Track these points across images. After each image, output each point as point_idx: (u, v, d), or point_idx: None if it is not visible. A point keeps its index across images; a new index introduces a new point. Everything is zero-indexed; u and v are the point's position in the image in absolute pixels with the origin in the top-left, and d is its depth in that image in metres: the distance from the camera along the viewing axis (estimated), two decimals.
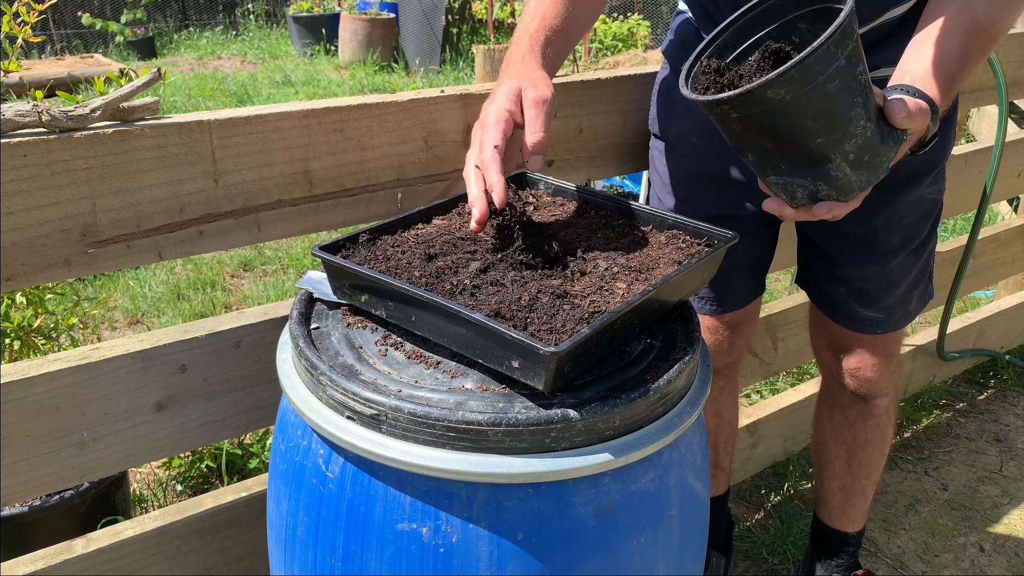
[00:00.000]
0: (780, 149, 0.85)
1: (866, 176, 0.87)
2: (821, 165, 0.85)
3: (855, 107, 0.82)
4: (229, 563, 1.25)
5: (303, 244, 3.56)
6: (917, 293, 1.35)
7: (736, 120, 0.82)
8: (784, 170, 0.87)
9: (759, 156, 0.88)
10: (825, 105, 0.79)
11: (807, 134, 0.81)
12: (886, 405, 1.46)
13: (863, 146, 0.84)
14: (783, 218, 0.96)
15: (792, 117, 0.79)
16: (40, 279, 0.99)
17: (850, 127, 0.82)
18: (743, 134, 0.85)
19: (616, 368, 0.86)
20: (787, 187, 0.89)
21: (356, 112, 1.12)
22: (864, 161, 0.86)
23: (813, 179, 0.87)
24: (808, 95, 0.77)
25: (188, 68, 7.55)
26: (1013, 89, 1.90)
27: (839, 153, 0.83)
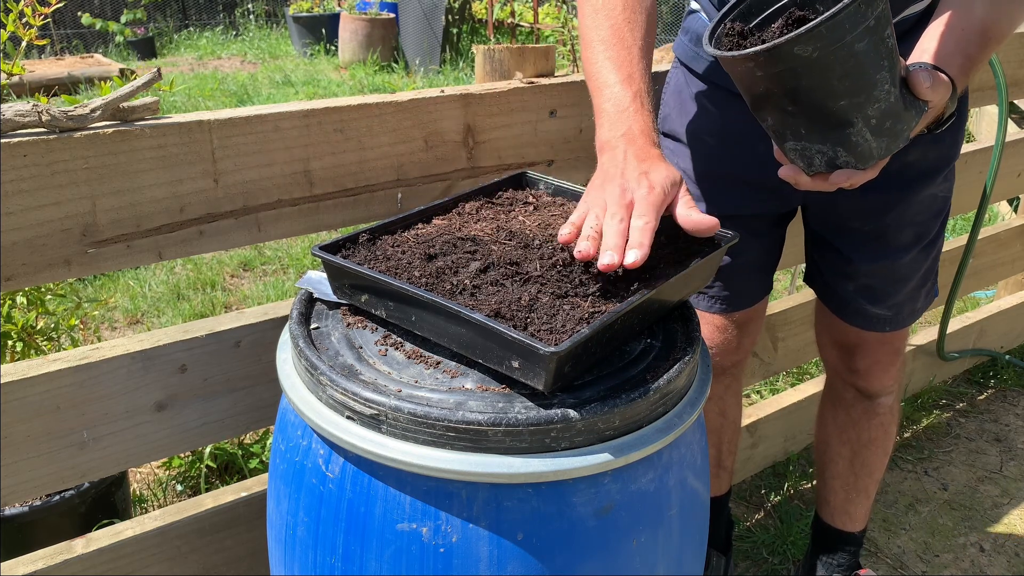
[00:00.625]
0: (802, 112, 0.83)
1: (886, 143, 0.86)
2: (843, 129, 0.83)
3: (881, 70, 0.80)
4: (229, 563, 1.25)
5: (303, 244, 3.56)
6: (925, 291, 1.35)
7: (761, 79, 0.81)
8: (804, 135, 0.86)
9: (779, 119, 0.86)
10: (852, 65, 0.78)
11: (831, 95, 0.80)
12: (890, 404, 1.46)
13: (886, 111, 0.83)
14: (798, 187, 0.94)
15: (818, 76, 0.78)
16: (40, 279, 0.99)
17: (875, 90, 0.81)
18: (766, 95, 0.83)
19: (616, 368, 0.86)
20: (805, 152, 0.88)
21: (356, 112, 1.12)
22: (886, 128, 0.84)
23: (833, 144, 0.85)
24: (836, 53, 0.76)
25: (188, 68, 7.55)
26: (1013, 89, 1.90)
27: (861, 117, 0.82)
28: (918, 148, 1.19)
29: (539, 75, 1.32)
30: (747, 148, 1.24)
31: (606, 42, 1.00)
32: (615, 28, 1.00)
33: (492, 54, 1.32)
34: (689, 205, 0.90)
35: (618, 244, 0.83)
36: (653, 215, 0.85)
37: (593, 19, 1.02)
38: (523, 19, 7.87)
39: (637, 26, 1.01)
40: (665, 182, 0.88)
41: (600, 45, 1.00)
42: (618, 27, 1.00)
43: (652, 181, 0.87)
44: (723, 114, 1.24)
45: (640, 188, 0.87)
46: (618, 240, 0.83)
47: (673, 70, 1.34)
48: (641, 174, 0.88)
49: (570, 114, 1.32)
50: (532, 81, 1.28)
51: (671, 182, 0.89)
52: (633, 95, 0.96)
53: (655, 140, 0.94)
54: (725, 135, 1.25)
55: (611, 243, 0.83)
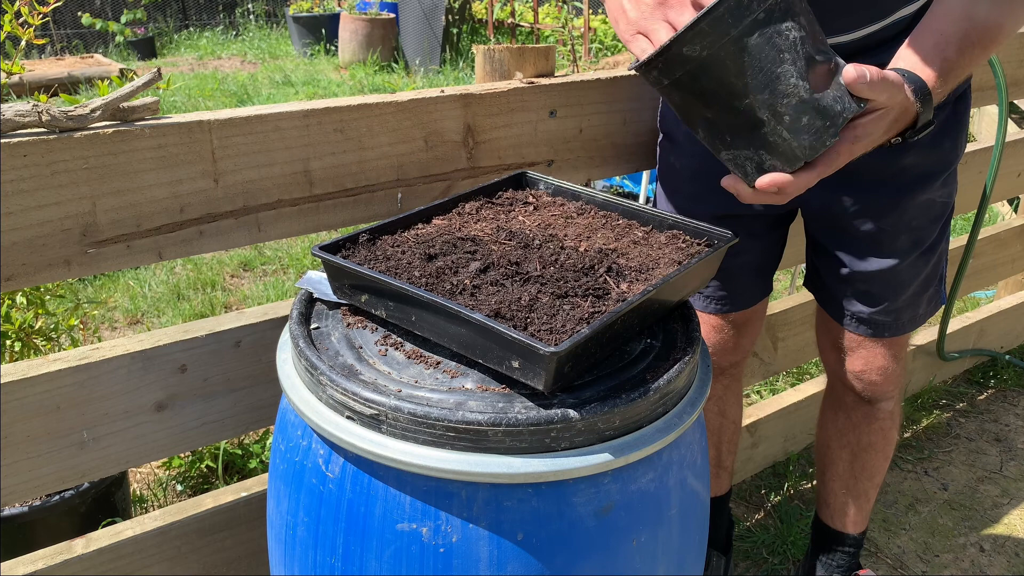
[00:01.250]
0: (718, 117, 0.83)
1: (809, 141, 0.83)
2: (757, 129, 0.82)
3: (781, 63, 0.78)
4: (229, 563, 1.25)
5: (303, 244, 3.56)
6: (927, 297, 1.34)
7: (669, 88, 0.81)
8: (730, 142, 0.85)
9: (706, 130, 0.86)
10: (745, 61, 0.77)
11: (734, 94, 0.79)
12: (891, 408, 1.46)
13: (798, 107, 0.81)
14: (740, 198, 0.93)
15: (715, 76, 0.78)
16: (40, 279, 0.99)
17: (779, 85, 0.79)
18: (684, 105, 0.83)
19: (616, 368, 0.86)
20: (737, 161, 0.87)
21: (356, 112, 1.12)
22: (803, 124, 0.82)
23: (756, 148, 0.84)
24: (725, 49, 0.75)
25: (188, 68, 7.55)
26: (1013, 89, 1.90)
27: (772, 115, 0.81)
28: (915, 152, 1.18)
29: (539, 75, 1.32)
30: None
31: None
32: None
33: (492, 54, 1.32)
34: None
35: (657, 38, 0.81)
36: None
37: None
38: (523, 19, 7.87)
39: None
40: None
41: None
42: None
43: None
44: None
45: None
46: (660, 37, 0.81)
47: None
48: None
49: (570, 114, 1.32)
50: (532, 81, 1.28)
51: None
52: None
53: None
54: None
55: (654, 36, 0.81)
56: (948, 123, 1.20)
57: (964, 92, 1.22)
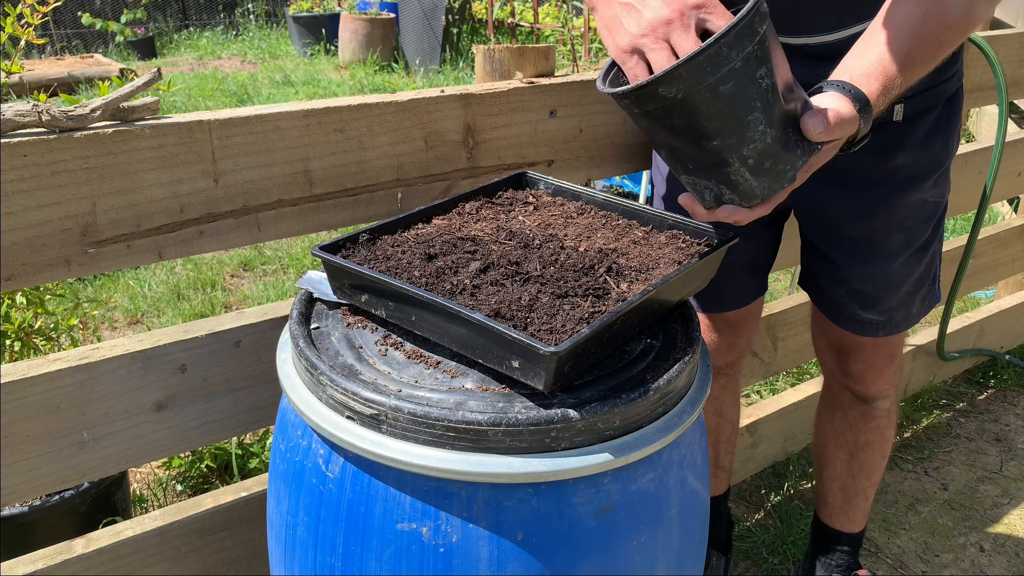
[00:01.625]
0: (684, 149, 0.83)
1: (769, 183, 0.85)
2: (720, 168, 0.83)
3: (752, 111, 0.79)
4: (229, 563, 1.25)
5: (303, 244, 3.56)
6: (920, 296, 1.34)
7: (640, 116, 0.81)
8: (691, 169, 0.86)
9: (668, 153, 0.86)
10: (718, 108, 0.77)
11: (703, 136, 0.79)
12: (887, 407, 1.46)
13: (763, 152, 0.82)
14: (695, 217, 0.94)
15: (686, 117, 0.78)
16: (40, 279, 0.99)
17: (748, 131, 0.80)
18: (649, 130, 0.83)
19: (616, 368, 0.86)
20: (696, 187, 0.88)
21: (356, 112, 1.12)
22: (766, 168, 0.83)
23: (716, 182, 0.85)
24: (700, 95, 0.75)
25: (188, 68, 7.55)
26: (1013, 89, 1.90)
27: (737, 158, 0.81)
28: (906, 153, 1.18)
29: (539, 75, 1.32)
30: None
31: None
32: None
33: (492, 54, 1.32)
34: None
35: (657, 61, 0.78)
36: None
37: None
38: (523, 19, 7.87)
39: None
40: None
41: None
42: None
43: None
44: None
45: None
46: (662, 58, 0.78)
47: None
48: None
49: (570, 114, 1.32)
50: (532, 81, 1.28)
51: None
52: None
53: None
54: None
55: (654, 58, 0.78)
56: (939, 124, 1.20)
57: (956, 92, 1.22)
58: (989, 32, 1.85)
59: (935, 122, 1.19)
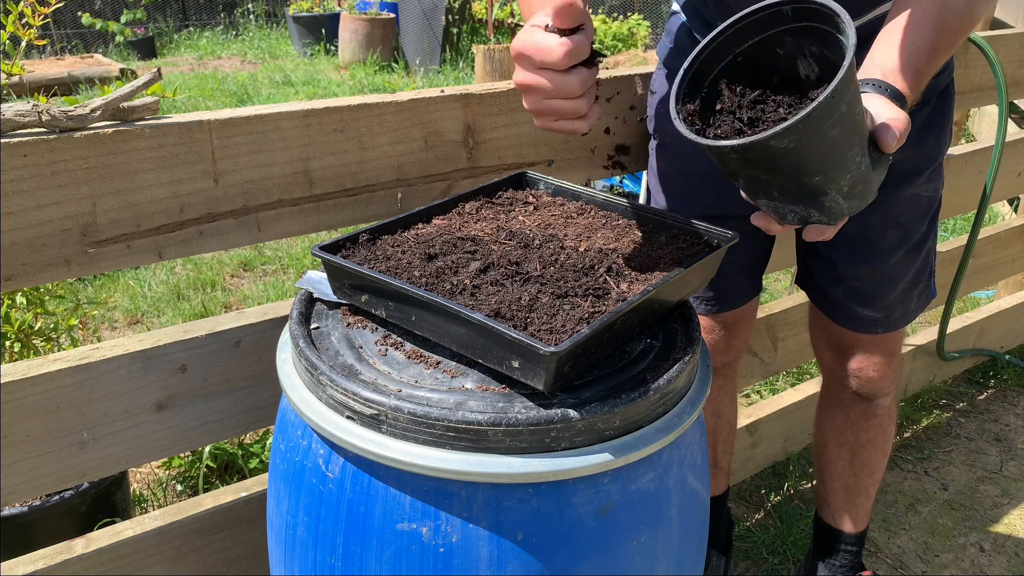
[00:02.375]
0: (777, 183, 0.85)
1: (857, 203, 0.89)
2: (816, 198, 0.85)
3: (853, 147, 0.82)
4: (229, 563, 1.25)
5: (303, 244, 3.56)
6: (917, 292, 1.35)
7: (735, 159, 0.82)
8: (777, 197, 0.87)
9: (752, 184, 0.87)
10: (826, 149, 0.80)
11: (805, 173, 0.82)
12: (888, 404, 1.46)
13: (857, 179, 0.85)
14: (770, 233, 0.95)
15: (793, 161, 0.80)
16: (40, 279, 0.99)
17: (848, 164, 0.83)
18: (739, 169, 0.85)
19: (616, 368, 0.86)
20: (777, 210, 0.90)
21: (356, 112, 1.12)
22: (857, 191, 0.87)
23: (806, 207, 0.87)
24: (811, 142, 0.78)
25: (188, 68, 7.55)
26: (1013, 89, 1.90)
27: (835, 188, 0.84)
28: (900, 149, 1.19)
29: None
30: None
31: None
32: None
33: (492, 54, 1.32)
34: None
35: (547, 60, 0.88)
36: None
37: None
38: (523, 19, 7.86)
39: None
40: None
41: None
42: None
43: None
44: None
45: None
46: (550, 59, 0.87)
47: (657, 72, 1.35)
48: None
49: None
50: None
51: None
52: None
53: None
54: None
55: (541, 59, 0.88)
56: (932, 119, 1.21)
57: (947, 87, 1.23)
58: (989, 32, 1.85)
59: (928, 117, 1.20)
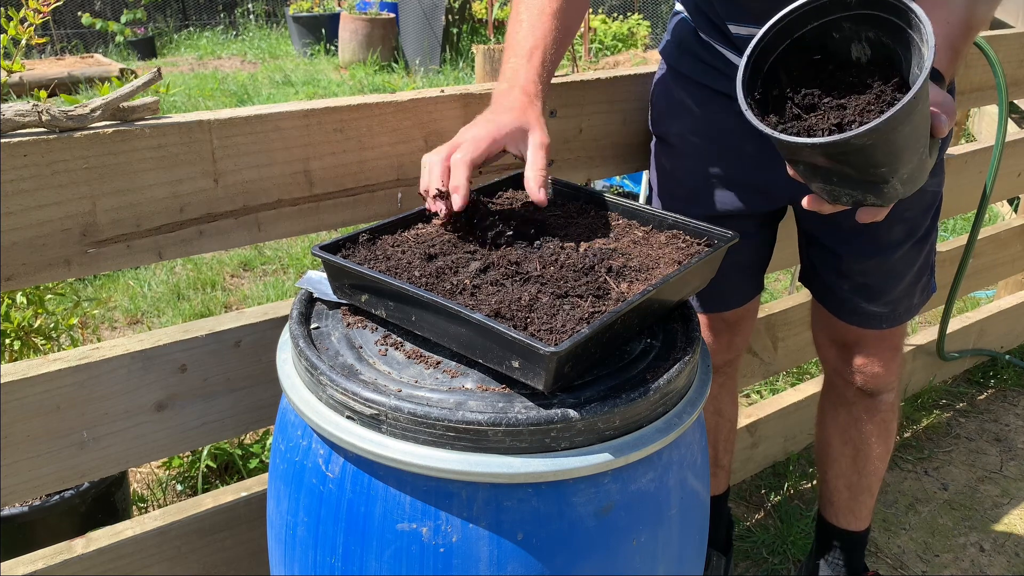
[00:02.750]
0: (838, 170, 0.86)
1: (911, 187, 0.90)
2: (876, 185, 0.87)
3: (919, 139, 0.84)
4: (229, 563, 1.25)
5: (303, 244, 3.56)
6: (920, 286, 1.35)
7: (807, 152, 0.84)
8: (836, 182, 0.88)
9: (811, 169, 0.88)
10: (898, 145, 0.81)
11: (873, 165, 0.83)
12: (891, 400, 1.46)
13: (917, 167, 0.87)
14: (822, 213, 0.97)
15: (866, 155, 0.82)
16: (40, 279, 0.99)
17: (913, 156, 0.85)
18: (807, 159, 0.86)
19: (616, 368, 0.86)
20: (832, 192, 0.91)
21: (356, 112, 1.12)
22: (914, 177, 0.89)
23: (864, 192, 0.88)
24: (889, 139, 0.80)
25: (188, 68, 7.55)
26: (1013, 89, 1.90)
27: (896, 177, 0.86)
28: None
29: None
30: (734, 148, 1.24)
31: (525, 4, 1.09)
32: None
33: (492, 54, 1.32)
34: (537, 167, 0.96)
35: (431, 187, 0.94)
36: (471, 149, 0.93)
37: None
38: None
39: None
40: (505, 124, 0.96)
41: (521, 7, 1.09)
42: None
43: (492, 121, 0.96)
44: (709, 114, 1.25)
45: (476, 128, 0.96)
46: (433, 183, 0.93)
47: (660, 71, 1.35)
48: (490, 118, 0.97)
49: (570, 114, 1.32)
50: None
51: (511, 127, 0.96)
52: (527, 51, 1.04)
53: (532, 91, 1.02)
54: (712, 135, 1.25)
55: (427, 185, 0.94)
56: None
57: (951, 82, 1.23)
58: (989, 32, 1.85)
59: None
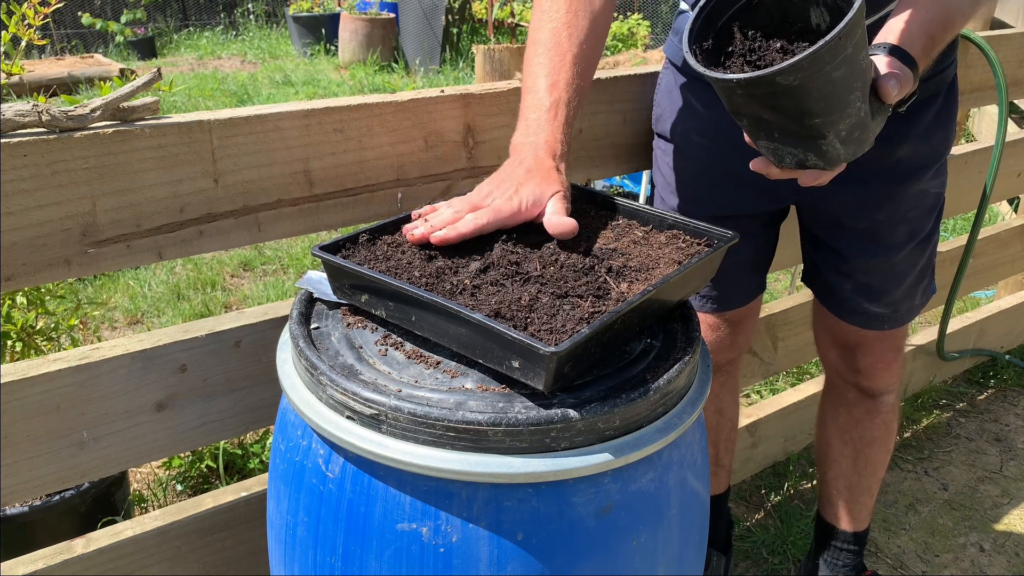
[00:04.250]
0: (776, 122, 0.87)
1: (853, 149, 0.91)
2: (814, 140, 0.87)
3: (854, 91, 0.84)
4: (229, 563, 1.25)
5: (303, 244, 3.56)
6: (922, 287, 1.35)
7: (740, 95, 0.84)
8: (777, 138, 0.90)
9: (754, 123, 0.90)
10: (829, 90, 0.81)
11: (807, 114, 0.84)
12: (892, 401, 1.46)
13: (855, 124, 0.87)
14: (769, 176, 0.97)
15: (795, 99, 0.82)
16: (40, 279, 0.99)
17: (848, 109, 0.85)
18: (743, 105, 0.87)
19: (616, 368, 0.86)
20: (776, 152, 0.92)
21: (356, 112, 1.12)
22: (855, 137, 0.89)
23: (804, 150, 0.89)
24: (815, 81, 0.80)
25: (188, 68, 7.55)
26: (1013, 89, 1.90)
27: (833, 132, 0.86)
28: (909, 144, 1.20)
29: None
30: (737, 148, 1.24)
31: (544, 44, 1.02)
32: (555, 32, 1.02)
33: (492, 54, 1.32)
34: (558, 211, 0.94)
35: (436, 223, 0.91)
36: (491, 216, 0.91)
37: (539, 20, 1.05)
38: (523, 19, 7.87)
39: (577, 31, 1.02)
40: (528, 197, 0.93)
41: (539, 47, 1.03)
42: (557, 31, 1.02)
43: (517, 193, 0.93)
44: (712, 114, 1.25)
45: (501, 196, 0.93)
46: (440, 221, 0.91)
47: (664, 70, 1.35)
48: (515, 185, 0.94)
49: None
50: None
51: (533, 200, 0.94)
52: (551, 104, 0.99)
53: (557, 151, 0.98)
54: (715, 135, 1.25)
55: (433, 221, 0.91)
56: (939, 115, 1.22)
57: (953, 80, 1.24)
58: (989, 32, 1.85)
59: (936, 114, 1.21)
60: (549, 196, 0.95)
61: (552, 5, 1.04)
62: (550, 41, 1.02)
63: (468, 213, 0.92)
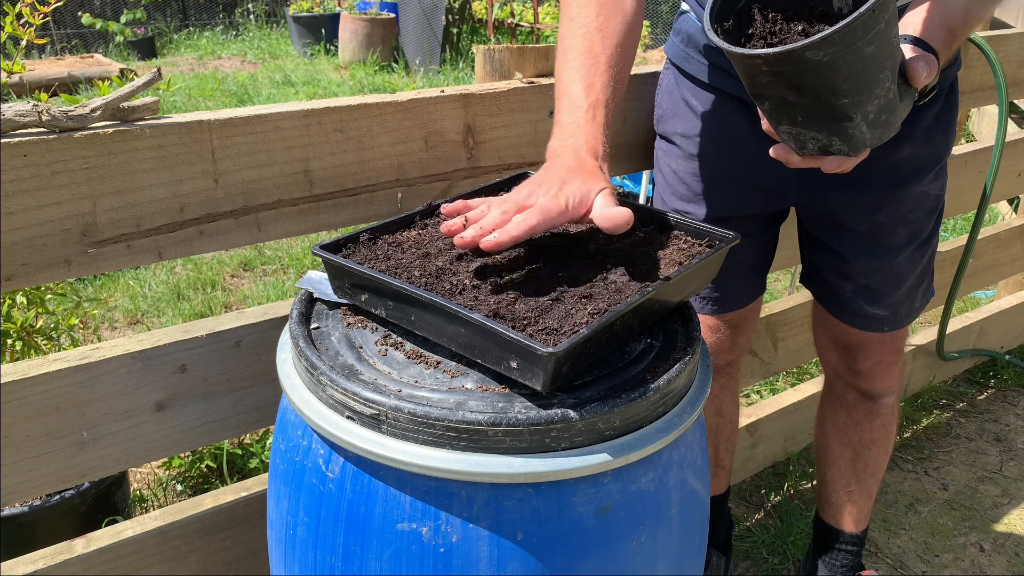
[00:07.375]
0: (802, 103, 0.84)
1: (880, 134, 0.88)
2: (840, 123, 0.84)
3: (884, 70, 0.81)
4: (229, 563, 1.25)
5: (303, 244, 3.56)
6: (921, 289, 1.35)
7: (766, 73, 0.81)
8: (800, 122, 0.86)
9: (776, 105, 0.86)
10: (859, 68, 0.79)
11: (835, 93, 0.81)
12: (891, 403, 1.46)
13: (883, 107, 0.84)
14: (789, 165, 0.95)
15: (824, 76, 0.79)
16: (40, 279, 0.99)
17: (877, 88, 0.82)
18: (768, 85, 0.84)
19: (616, 368, 0.86)
20: (799, 137, 0.89)
21: (356, 112, 1.12)
22: (882, 120, 0.86)
23: (828, 134, 0.86)
24: (846, 57, 0.77)
25: (188, 68, 7.55)
26: (1013, 89, 1.90)
27: (860, 113, 0.83)
28: (910, 146, 1.20)
29: (539, 75, 1.32)
30: (738, 148, 1.24)
31: (576, 50, 1.00)
32: (587, 36, 1.01)
33: (492, 54, 1.32)
34: (607, 204, 0.89)
35: (485, 225, 0.85)
36: (539, 216, 0.85)
37: (568, 27, 1.03)
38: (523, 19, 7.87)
39: (610, 34, 1.01)
40: (574, 195, 0.88)
41: (571, 53, 1.01)
42: (590, 35, 1.00)
43: (561, 191, 0.88)
44: (714, 115, 1.25)
45: (546, 195, 0.88)
46: (490, 224, 0.85)
47: (665, 71, 1.35)
48: (558, 183, 0.89)
49: None
50: (532, 81, 1.28)
51: (579, 198, 0.89)
52: (588, 106, 0.96)
53: (599, 152, 0.95)
54: (716, 136, 1.25)
55: (482, 223, 0.85)
56: (940, 116, 1.22)
57: (954, 83, 1.24)
58: (989, 32, 1.85)
59: (937, 115, 1.21)
60: (596, 193, 0.90)
61: (581, 11, 1.01)
62: (582, 46, 1.00)
63: (515, 214, 0.87)
